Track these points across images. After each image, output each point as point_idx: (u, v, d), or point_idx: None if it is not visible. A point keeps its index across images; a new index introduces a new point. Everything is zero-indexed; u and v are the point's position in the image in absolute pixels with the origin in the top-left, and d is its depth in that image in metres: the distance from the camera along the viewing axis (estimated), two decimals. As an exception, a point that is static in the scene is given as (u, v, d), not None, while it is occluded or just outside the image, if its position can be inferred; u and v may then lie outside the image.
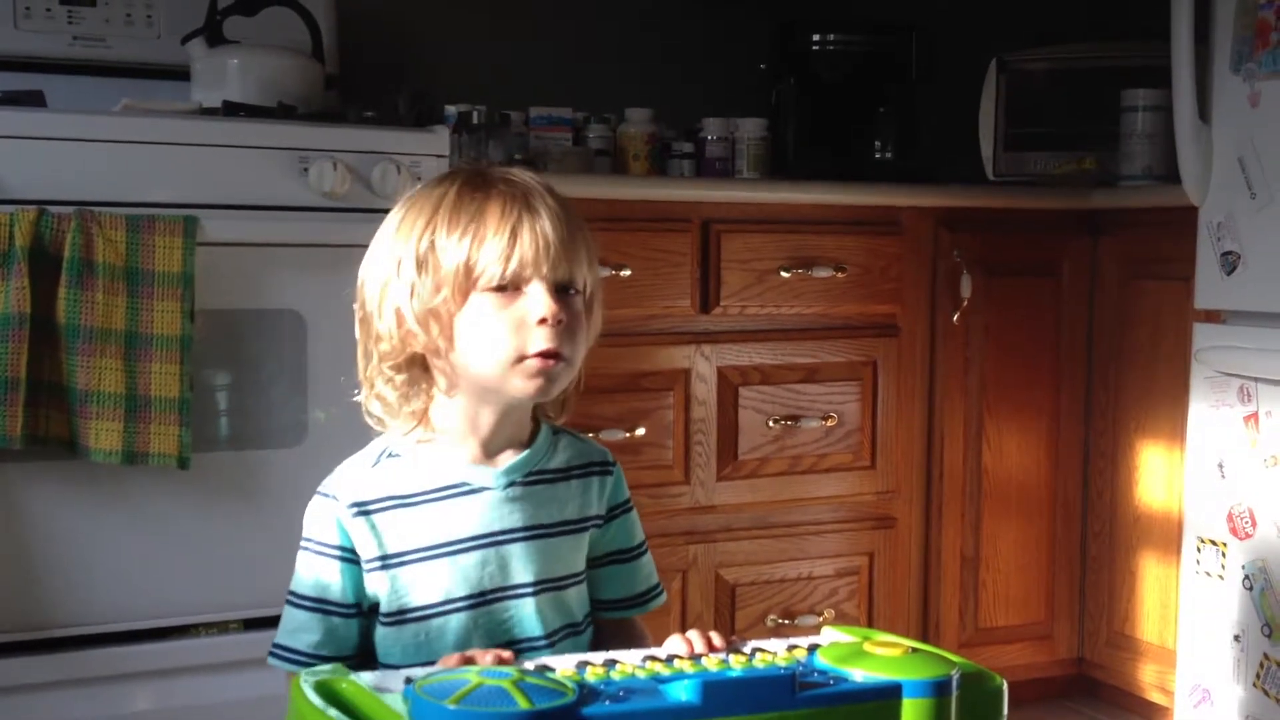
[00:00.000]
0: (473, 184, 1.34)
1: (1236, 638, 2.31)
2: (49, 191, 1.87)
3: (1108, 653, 2.70)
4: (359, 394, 1.40)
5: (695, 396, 2.41)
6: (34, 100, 2.00)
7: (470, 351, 1.31)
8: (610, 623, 1.47)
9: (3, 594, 1.89)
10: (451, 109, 2.49)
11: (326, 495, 1.36)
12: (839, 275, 2.49)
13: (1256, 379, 2.26)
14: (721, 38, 3.08)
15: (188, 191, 1.95)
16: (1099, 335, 2.70)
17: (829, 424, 2.51)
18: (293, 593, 1.36)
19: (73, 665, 1.94)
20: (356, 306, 1.38)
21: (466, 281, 1.30)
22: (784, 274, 2.45)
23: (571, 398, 1.45)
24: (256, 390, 2.04)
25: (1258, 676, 2.27)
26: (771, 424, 2.47)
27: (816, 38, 2.82)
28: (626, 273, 2.31)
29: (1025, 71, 2.90)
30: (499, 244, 1.29)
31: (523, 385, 1.31)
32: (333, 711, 1.05)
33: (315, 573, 1.34)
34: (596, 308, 1.39)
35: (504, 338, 1.29)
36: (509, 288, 1.30)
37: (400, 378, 1.36)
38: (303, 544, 1.37)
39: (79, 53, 2.43)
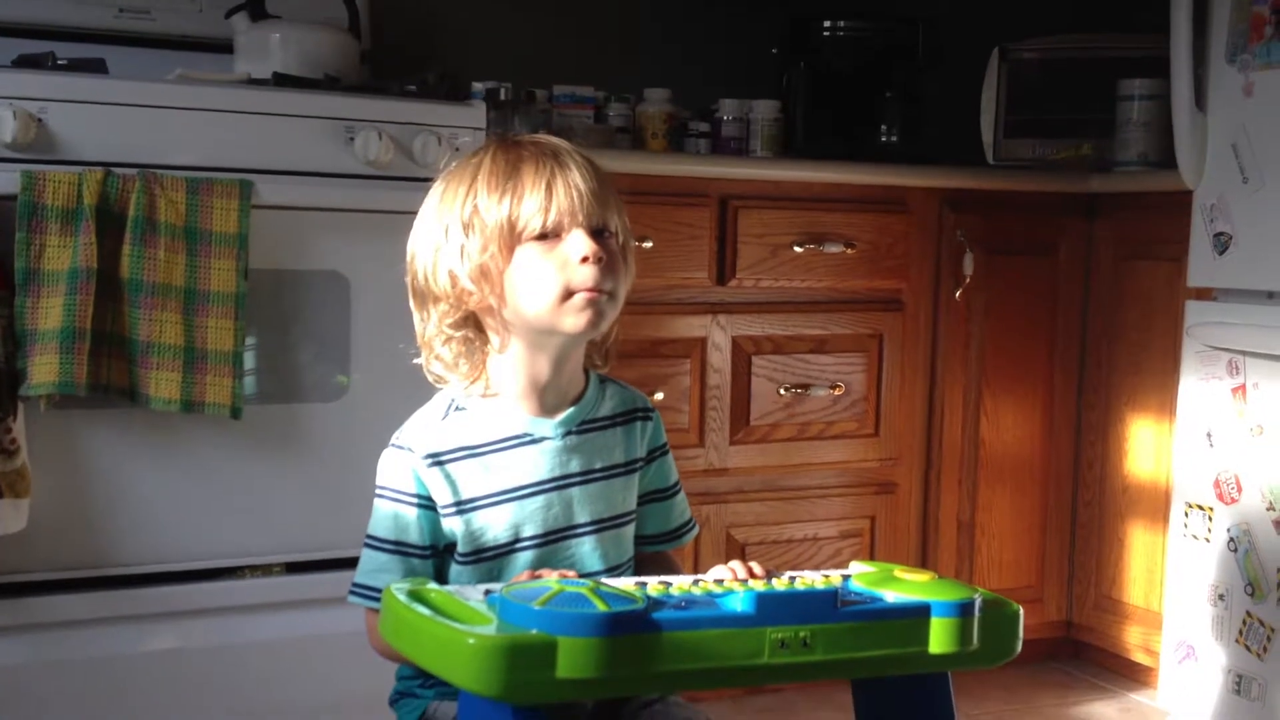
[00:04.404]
0: (505, 149, 1.45)
1: (1221, 596, 2.44)
2: (114, 154, 1.96)
3: (1095, 615, 2.82)
4: (418, 358, 1.49)
5: (711, 364, 2.52)
6: (97, 67, 2.08)
7: (522, 298, 1.41)
8: (648, 556, 1.59)
9: (64, 533, 1.99)
10: (479, 85, 2.59)
11: (401, 447, 1.45)
12: (848, 251, 2.60)
13: (1245, 352, 2.39)
14: (737, 23, 3.17)
15: (242, 156, 2.04)
16: (1093, 313, 2.81)
17: (836, 393, 2.63)
18: (372, 536, 1.44)
19: (125, 602, 2.03)
20: (408, 279, 1.48)
21: (511, 236, 1.40)
22: (796, 249, 2.56)
23: (614, 347, 1.57)
24: (302, 347, 2.13)
25: (1240, 633, 2.40)
26: (782, 392, 2.59)
27: (827, 24, 2.93)
28: (648, 244, 2.40)
29: (1026, 60, 3.00)
30: (537, 198, 1.39)
31: (574, 320, 1.40)
32: (425, 610, 1.15)
33: (394, 518, 1.43)
34: (629, 253, 1.50)
35: (551, 276, 1.39)
36: (550, 236, 1.40)
37: (458, 335, 1.46)
38: (379, 492, 1.45)
39: (125, 24, 2.52)
